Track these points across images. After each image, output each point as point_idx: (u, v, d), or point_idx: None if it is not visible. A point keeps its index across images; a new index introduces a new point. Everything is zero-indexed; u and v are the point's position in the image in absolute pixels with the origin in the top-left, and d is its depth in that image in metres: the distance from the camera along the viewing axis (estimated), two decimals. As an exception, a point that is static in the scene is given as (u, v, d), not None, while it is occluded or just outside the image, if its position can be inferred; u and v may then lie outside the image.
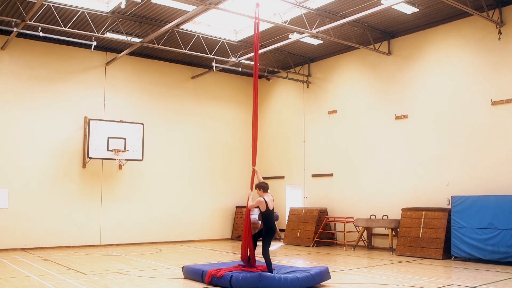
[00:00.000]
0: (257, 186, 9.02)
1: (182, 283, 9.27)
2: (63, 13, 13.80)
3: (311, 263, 12.32)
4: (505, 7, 13.00)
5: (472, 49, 13.70)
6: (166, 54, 17.95)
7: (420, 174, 14.61)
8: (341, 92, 17.48)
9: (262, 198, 8.77)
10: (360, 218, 15.30)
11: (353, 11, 13.60)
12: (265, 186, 8.94)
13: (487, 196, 12.40)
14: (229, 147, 20.01)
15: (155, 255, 13.98)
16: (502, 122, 12.84)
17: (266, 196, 8.86)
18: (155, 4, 13.38)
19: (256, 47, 10.02)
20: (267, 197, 8.83)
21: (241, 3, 13.11)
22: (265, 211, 8.73)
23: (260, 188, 8.93)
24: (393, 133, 15.54)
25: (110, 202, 16.82)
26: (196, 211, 18.79)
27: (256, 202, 8.81)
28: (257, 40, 10.07)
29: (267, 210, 8.72)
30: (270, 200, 8.86)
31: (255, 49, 10.01)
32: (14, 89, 15.47)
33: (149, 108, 18.04)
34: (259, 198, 8.79)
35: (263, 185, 8.97)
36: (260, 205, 8.74)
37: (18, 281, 9.26)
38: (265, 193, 8.89)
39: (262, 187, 8.94)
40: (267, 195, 8.88)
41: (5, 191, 14.99)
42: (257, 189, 8.98)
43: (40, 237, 15.37)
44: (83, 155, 16.34)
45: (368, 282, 9.30)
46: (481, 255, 12.03)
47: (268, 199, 8.79)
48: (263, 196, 8.81)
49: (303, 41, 16.08)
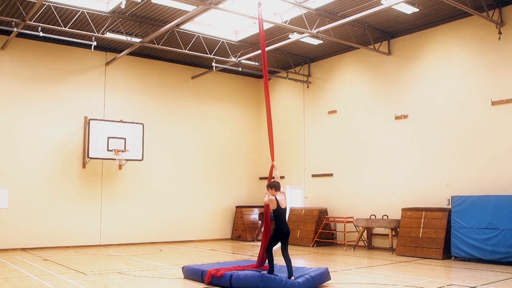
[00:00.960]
0: (269, 185, 9.06)
1: (182, 283, 9.27)
2: (63, 13, 13.80)
3: (311, 263, 12.31)
4: (505, 7, 13.00)
5: (472, 49, 13.70)
6: (166, 54, 17.95)
7: (420, 174, 14.61)
8: (341, 92, 17.48)
9: (274, 197, 8.82)
10: (360, 218, 15.30)
11: (353, 11, 13.60)
12: (276, 185, 8.99)
13: (487, 196, 12.39)
14: (229, 147, 20.01)
15: (155, 255, 13.98)
16: (502, 122, 12.83)
17: (278, 194, 8.89)
18: (155, 4, 13.39)
19: (263, 45, 10.20)
20: (278, 196, 8.86)
21: (241, 3, 13.11)
22: (276, 209, 8.75)
23: (272, 187, 8.98)
24: (393, 133, 15.54)
25: (110, 202, 16.82)
26: (196, 211, 18.79)
27: (268, 200, 8.86)
28: (263, 39, 10.25)
29: (278, 208, 8.74)
30: (282, 199, 8.88)
31: (262, 48, 10.17)
32: (14, 89, 15.47)
33: (149, 108, 18.05)
34: (271, 197, 8.84)
35: (274, 184, 9.01)
36: (271, 203, 8.79)
37: (18, 281, 9.26)
38: (277, 191, 8.93)
39: (274, 186, 8.98)
40: (279, 194, 8.92)
41: (5, 191, 14.99)
42: (269, 188, 9.01)
43: (40, 237, 15.37)
44: (83, 155, 16.34)
45: (368, 282, 9.30)
46: (481, 255, 12.03)
47: (279, 198, 8.83)
48: (275, 195, 8.86)
49: (303, 41, 16.08)
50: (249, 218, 19.06)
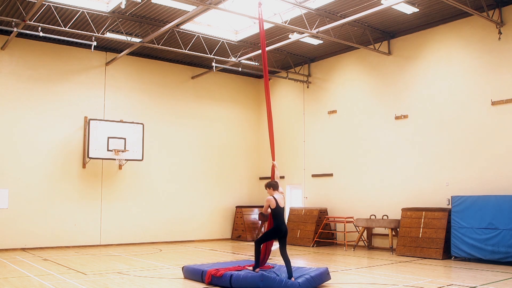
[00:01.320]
0: (266, 185, 9.12)
1: (182, 283, 9.27)
2: (63, 13, 13.79)
3: (311, 263, 12.31)
4: (505, 7, 13.00)
5: (472, 49, 13.70)
6: (166, 54, 17.95)
7: (420, 174, 14.61)
8: (341, 92, 17.48)
9: (272, 196, 8.90)
10: (360, 218, 15.30)
11: (353, 11, 13.60)
12: (274, 184, 9.09)
13: (487, 196, 12.39)
14: (229, 147, 20.01)
15: (155, 255, 13.98)
16: (502, 122, 12.83)
17: (276, 194, 8.95)
18: (155, 4, 13.39)
19: (263, 45, 10.27)
20: (276, 195, 8.92)
21: (241, 3, 13.11)
22: (274, 209, 8.82)
23: (270, 186, 9.08)
24: (393, 133, 15.54)
25: (110, 202, 16.82)
26: (196, 211, 18.79)
27: (266, 201, 8.93)
28: (263, 39, 10.34)
29: (277, 207, 8.81)
30: (280, 198, 8.96)
31: (262, 48, 10.24)
32: (14, 89, 15.47)
33: (149, 108, 18.04)
34: (268, 197, 8.92)
35: (272, 184, 9.10)
36: (270, 203, 8.83)
37: (18, 281, 9.26)
38: (275, 191, 9.01)
39: (272, 185, 9.07)
40: (277, 193, 8.97)
41: (5, 191, 14.99)
42: (267, 188, 9.06)
43: (40, 237, 15.37)
44: (83, 155, 16.34)
45: (368, 282, 9.30)
46: (481, 255, 12.03)
47: (277, 197, 8.89)
48: (272, 194, 8.92)
49: (303, 41, 16.08)
50: (249, 218, 19.06)
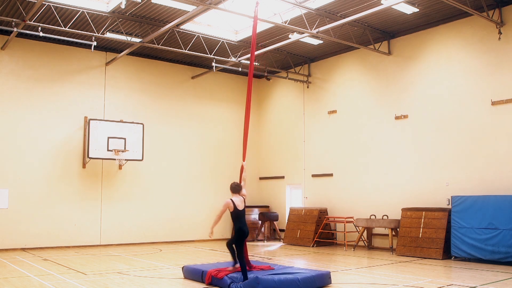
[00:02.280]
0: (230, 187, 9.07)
1: (182, 283, 9.27)
2: (63, 13, 13.79)
3: (311, 263, 12.32)
4: (505, 7, 13.00)
5: (472, 49, 13.70)
6: (166, 54, 17.95)
7: (420, 174, 14.61)
8: (341, 92, 17.48)
9: (229, 200, 8.79)
10: (360, 218, 15.30)
11: (353, 11, 13.60)
12: (234, 187, 9.03)
13: (487, 196, 12.39)
14: (229, 147, 19.98)
15: (155, 255, 13.98)
16: (502, 122, 12.83)
17: (234, 197, 8.88)
18: (155, 4, 13.38)
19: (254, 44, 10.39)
20: (235, 198, 8.84)
21: (241, 3, 13.11)
22: (232, 211, 8.73)
23: (230, 189, 9.03)
24: (393, 133, 15.54)
25: (110, 202, 16.81)
26: (196, 211, 18.78)
27: (223, 205, 8.80)
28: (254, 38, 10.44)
29: (235, 210, 8.71)
30: (239, 201, 8.84)
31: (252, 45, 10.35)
32: (14, 89, 15.47)
33: (149, 108, 18.04)
34: (226, 200, 8.82)
35: (232, 186, 9.05)
36: (228, 207, 8.73)
37: (18, 281, 9.26)
38: (234, 194, 8.95)
39: (232, 188, 9.03)
40: (236, 196, 8.90)
41: (5, 191, 14.99)
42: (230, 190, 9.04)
43: (40, 237, 15.37)
44: (83, 155, 16.34)
45: (368, 282, 9.30)
46: (481, 255, 12.03)
47: (236, 200, 8.80)
48: (231, 198, 8.84)
49: (303, 41, 16.08)
50: (249, 218, 19.03)
